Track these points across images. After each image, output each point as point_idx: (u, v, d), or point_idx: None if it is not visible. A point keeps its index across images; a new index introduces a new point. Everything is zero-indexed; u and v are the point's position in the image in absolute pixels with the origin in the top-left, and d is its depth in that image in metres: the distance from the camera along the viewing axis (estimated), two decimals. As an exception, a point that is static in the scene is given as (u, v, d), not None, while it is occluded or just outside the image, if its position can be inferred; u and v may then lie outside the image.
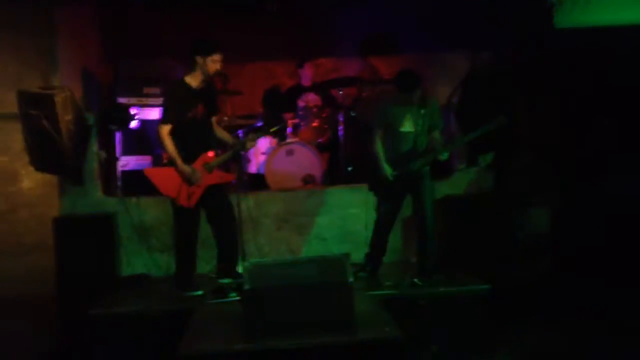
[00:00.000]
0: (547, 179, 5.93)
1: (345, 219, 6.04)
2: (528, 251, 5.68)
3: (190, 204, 4.96)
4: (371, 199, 5.54)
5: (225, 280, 5.15)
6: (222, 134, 5.30)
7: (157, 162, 6.49)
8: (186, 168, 4.94)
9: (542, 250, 5.68)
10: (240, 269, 5.15)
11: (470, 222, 5.69)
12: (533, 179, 5.93)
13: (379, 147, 5.29)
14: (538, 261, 5.71)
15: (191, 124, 5.00)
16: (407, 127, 5.24)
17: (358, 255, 5.60)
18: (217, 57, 4.93)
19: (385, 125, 5.31)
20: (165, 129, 4.93)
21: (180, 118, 4.95)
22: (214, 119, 5.22)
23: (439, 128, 5.36)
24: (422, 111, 5.20)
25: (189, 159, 4.99)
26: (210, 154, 5.06)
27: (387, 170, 5.23)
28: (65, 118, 5.39)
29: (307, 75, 7.42)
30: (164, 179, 4.98)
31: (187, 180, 4.94)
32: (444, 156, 5.18)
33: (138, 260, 5.87)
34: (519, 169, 5.98)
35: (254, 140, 5.27)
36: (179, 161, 4.94)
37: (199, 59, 4.93)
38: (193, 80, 5.01)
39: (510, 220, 5.72)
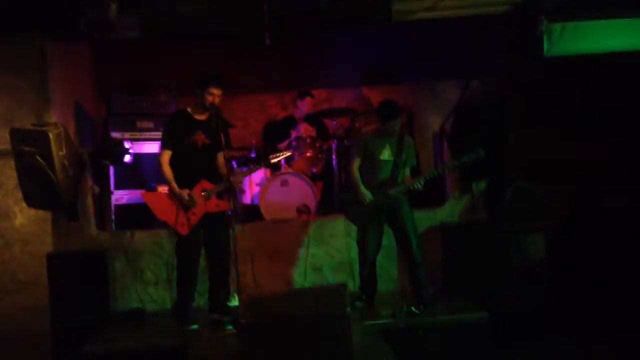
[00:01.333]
0: (542, 204, 5.93)
1: (340, 249, 6.03)
2: (525, 277, 5.66)
3: (184, 230, 4.95)
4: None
5: (215, 315, 5.11)
6: (224, 170, 5.27)
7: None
8: (181, 192, 4.97)
9: (539, 276, 5.66)
10: (234, 303, 5.12)
11: (466, 249, 5.69)
12: (527, 204, 5.93)
13: (357, 175, 5.37)
14: (535, 287, 5.69)
15: (190, 151, 5.07)
16: (386, 155, 5.34)
17: (354, 284, 5.60)
18: (213, 90, 5.07)
19: (365, 154, 5.40)
20: (164, 156, 5.05)
21: (177, 143, 5.05)
22: (219, 155, 5.22)
23: (411, 165, 5.47)
24: (402, 142, 5.33)
25: (186, 185, 5.03)
26: (208, 184, 5.07)
27: (366, 194, 5.29)
28: (59, 154, 5.38)
29: (304, 108, 7.47)
30: (161, 204, 5.01)
31: (183, 205, 4.95)
32: (419, 185, 5.23)
33: (132, 295, 5.83)
34: (513, 195, 5.99)
35: (240, 179, 5.29)
36: (173, 184, 4.99)
37: (198, 92, 5.10)
38: (194, 111, 5.17)
39: (506, 247, 5.70)
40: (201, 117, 5.15)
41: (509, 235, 5.77)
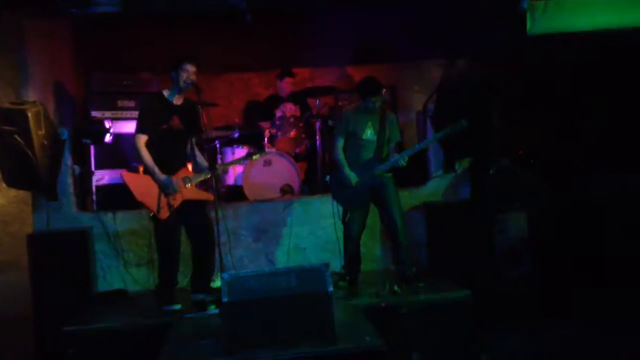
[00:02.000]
0: (525, 183, 5.96)
1: (324, 229, 6.00)
2: (507, 256, 5.69)
3: (163, 214, 4.90)
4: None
5: (199, 296, 5.09)
6: (199, 156, 5.24)
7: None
8: (163, 177, 4.91)
9: (521, 255, 5.70)
10: (216, 284, 5.10)
11: (449, 228, 5.71)
12: (510, 184, 5.96)
13: (341, 155, 5.36)
14: (517, 266, 5.73)
15: (166, 136, 4.99)
16: (369, 134, 5.32)
17: (337, 264, 5.60)
18: (187, 66, 4.97)
19: (347, 133, 5.37)
20: (142, 139, 4.94)
21: (154, 128, 4.95)
22: (194, 139, 5.18)
23: (396, 140, 5.45)
24: (384, 119, 5.29)
25: (167, 170, 4.97)
26: (189, 171, 5.02)
27: (351, 176, 5.28)
28: (38, 133, 5.31)
29: (285, 87, 7.43)
30: (141, 186, 4.93)
31: (164, 190, 4.90)
32: (403, 161, 5.23)
33: (114, 276, 5.79)
34: (496, 174, 6.00)
35: (225, 170, 5.25)
36: (156, 170, 4.91)
37: (173, 73, 5.00)
38: (169, 94, 5.07)
39: (488, 226, 5.73)
40: (177, 101, 5.07)
41: (491, 214, 5.81)
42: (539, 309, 5.55)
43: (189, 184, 5.02)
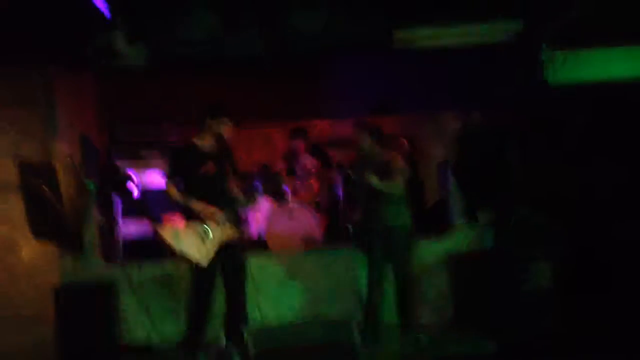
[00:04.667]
0: (547, 231, 5.94)
1: (347, 279, 5.99)
2: (533, 305, 5.64)
3: (204, 261, 4.90)
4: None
5: (230, 343, 5.06)
6: (237, 194, 5.26)
7: (158, 225, 6.46)
8: (202, 206, 4.92)
9: (547, 303, 5.65)
10: (245, 334, 5.08)
11: (472, 278, 5.68)
12: (532, 232, 5.94)
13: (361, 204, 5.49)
14: (544, 314, 5.68)
15: (202, 182, 5.04)
16: (374, 181, 5.31)
17: (360, 315, 5.56)
18: (226, 119, 5.12)
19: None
20: (172, 187, 5.01)
21: (189, 176, 5.02)
22: (232, 183, 5.21)
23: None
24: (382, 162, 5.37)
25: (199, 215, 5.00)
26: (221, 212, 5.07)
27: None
28: (66, 185, 5.41)
29: (298, 146, 7.50)
30: (177, 237, 4.93)
31: (200, 235, 4.94)
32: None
33: (139, 328, 5.77)
34: (518, 223, 6.00)
35: (254, 197, 5.32)
36: (192, 201, 4.93)
37: (210, 121, 5.09)
38: (200, 141, 5.13)
39: (512, 275, 5.70)
40: (208, 147, 5.14)
41: (515, 264, 5.78)
42: (566, 356, 5.47)
43: (224, 224, 5.05)
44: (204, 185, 5.04)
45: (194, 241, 4.90)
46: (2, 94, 5.93)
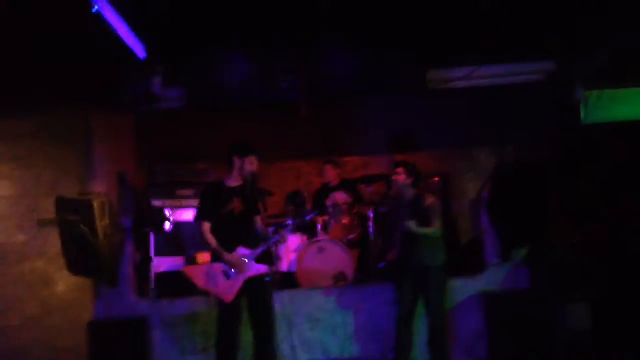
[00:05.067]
0: (585, 272, 5.83)
1: (379, 317, 5.94)
2: (570, 349, 5.52)
3: (229, 298, 4.95)
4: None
5: None
6: (263, 231, 5.33)
7: (189, 262, 6.52)
8: (231, 256, 5.00)
9: (585, 347, 5.52)
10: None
11: (507, 318, 5.59)
12: (570, 273, 5.84)
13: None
14: (581, 358, 5.54)
15: (228, 219, 5.10)
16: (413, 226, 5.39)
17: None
18: (252, 158, 5.18)
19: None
20: (205, 226, 5.08)
21: (216, 213, 5.09)
22: (258, 220, 5.26)
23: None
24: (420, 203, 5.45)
25: (229, 252, 5.05)
26: (246, 249, 5.10)
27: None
28: (102, 223, 5.51)
29: (330, 176, 7.54)
30: (202, 275, 5.01)
31: (232, 268, 4.98)
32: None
33: (171, 364, 5.80)
34: (555, 263, 5.91)
35: (284, 235, 5.33)
36: (222, 251, 5.01)
37: (237, 160, 5.16)
38: (229, 180, 5.21)
39: (549, 317, 5.59)
40: (236, 184, 5.21)
41: (551, 305, 5.68)
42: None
43: (247, 261, 5.08)
44: (230, 223, 5.11)
45: (216, 278, 4.94)
46: (42, 134, 6.13)
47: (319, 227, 6.98)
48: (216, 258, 5.07)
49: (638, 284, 5.96)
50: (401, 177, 5.56)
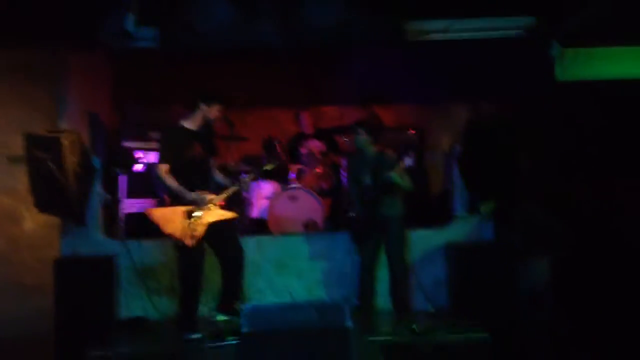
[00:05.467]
0: (549, 228, 5.93)
1: (346, 264, 6.02)
2: (529, 300, 5.65)
3: (192, 242, 4.98)
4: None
5: (223, 317, 5.13)
6: (219, 176, 5.37)
7: (160, 205, 6.53)
8: (193, 195, 5.01)
9: (543, 300, 5.65)
10: (240, 308, 5.13)
11: (471, 269, 5.68)
12: (534, 228, 5.93)
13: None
14: (540, 311, 5.68)
15: (190, 164, 5.11)
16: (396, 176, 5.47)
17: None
18: (218, 107, 5.20)
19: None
20: (163, 169, 5.07)
21: (178, 158, 5.07)
22: (213, 161, 5.30)
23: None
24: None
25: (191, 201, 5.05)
26: (210, 194, 5.11)
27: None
28: (72, 161, 5.46)
29: (305, 123, 7.54)
30: (166, 218, 5.02)
31: (189, 216, 4.98)
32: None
33: (137, 303, 5.83)
34: (521, 218, 5.99)
35: (252, 179, 5.39)
36: (183, 190, 5.01)
37: (203, 106, 5.16)
38: (191, 124, 5.20)
39: (511, 270, 5.70)
40: (197, 128, 5.20)
41: (514, 257, 5.78)
42: (560, 354, 5.48)
43: (212, 206, 5.09)
44: (193, 168, 5.12)
45: (180, 222, 4.96)
46: (15, 71, 6.03)
47: (292, 175, 7.01)
48: (177, 201, 5.08)
49: (598, 241, 6.08)
50: (361, 137, 5.63)
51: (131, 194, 6.51)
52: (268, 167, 5.78)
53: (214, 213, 5.10)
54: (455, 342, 4.94)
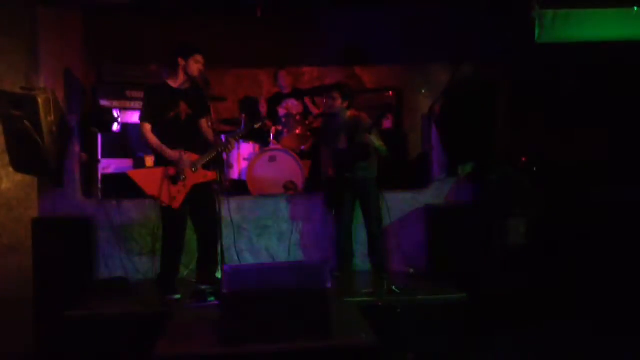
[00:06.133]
0: (526, 190, 6.00)
1: (326, 226, 6.05)
2: (505, 262, 5.74)
3: (175, 204, 4.95)
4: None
5: (204, 286, 5.14)
6: (210, 136, 5.22)
7: (138, 165, 6.49)
8: (174, 153, 4.94)
9: (519, 262, 5.75)
10: (219, 275, 5.14)
11: (448, 231, 5.75)
12: (511, 190, 6.00)
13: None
14: (515, 272, 5.78)
15: (174, 123, 5.02)
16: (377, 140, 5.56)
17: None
18: (198, 57, 5.01)
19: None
20: (146, 127, 5.00)
21: (160, 117, 5.00)
22: (204, 122, 5.18)
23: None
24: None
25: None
26: (194, 155, 5.06)
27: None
28: (47, 119, 5.36)
29: (283, 83, 7.48)
30: (148, 180, 4.96)
31: (171, 178, 4.94)
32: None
33: (116, 264, 5.83)
34: (498, 180, 6.05)
35: (236, 139, 5.28)
36: (164, 148, 4.95)
37: (181, 61, 5.01)
38: (174, 82, 5.09)
39: (488, 230, 5.78)
40: (181, 87, 5.08)
41: (491, 219, 5.85)
42: (536, 313, 5.61)
43: (195, 168, 5.05)
44: (176, 128, 5.02)
45: (163, 184, 4.92)
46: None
47: (272, 136, 6.98)
48: (160, 161, 5.02)
49: (571, 203, 6.19)
50: (337, 101, 5.65)
51: (108, 154, 6.44)
52: (257, 125, 5.70)
53: (197, 175, 5.05)
54: (434, 302, 5.03)
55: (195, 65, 5.00)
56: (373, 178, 5.69)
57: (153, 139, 4.98)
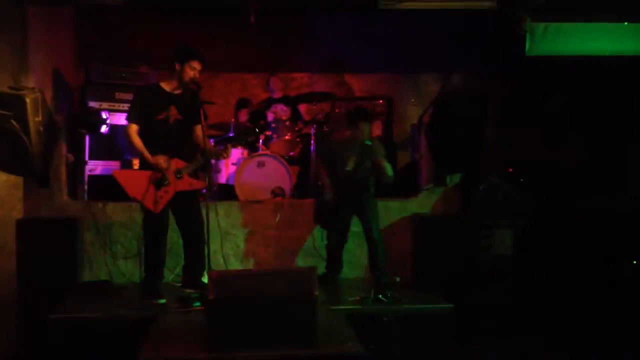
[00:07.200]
0: (513, 201, 6.03)
1: (313, 233, 6.05)
2: (491, 272, 5.76)
3: (157, 208, 4.91)
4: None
5: (190, 291, 5.11)
6: (201, 144, 5.17)
7: (125, 167, 6.44)
8: (154, 158, 4.89)
9: (504, 272, 5.78)
10: (205, 280, 5.11)
11: (435, 241, 5.77)
12: (499, 201, 6.03)
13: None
14: (501, 282, 5.80)
15: (161, 127, 4.98)
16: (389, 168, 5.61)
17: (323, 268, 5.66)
18: (195, 64, 4.98)
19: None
20: (132, 128, 4.96)
21: (148, 118, 4.96)
22: (196, 129, 5.13)
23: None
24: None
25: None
26: (180, 162, 5.03)
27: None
28: (35, 119, 5.31)
29: (275, 88, 7.48)
30: (133, 182, 4.92)
31: (155, 182, 4.90)
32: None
33: (101, 266, 5.79)
34: (485, 190, 6.07)
35: (228, 150, 5.23)
36: (147, 154, 4.91)
37: (177, 65, 4.98)
38: (167, 85, 5.06)
39: (474, 241, 5.80)
40: (174, 91, 5.05)
41: (478, 229, 5.88)
42: (521, 325, 5.62)
43: (181, 175, 5.02)
44: (163, 131, 4.98)
45: (148, 187, 4.88)
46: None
47: (260, 141, 6.95)
48: (144, 164, 4.99)
49: (559, 216, 6.23)
50: (364, 133, 5.62)
51: (96, 156, 6.39)
52: (250, 138, 5.69)
53: (183, 182, 5.01)
54: (419, 312, 5.03)
55: (191, 72, 4.97)
56: (373, 191, 5.72)
57: (137, 140, 4.94)
